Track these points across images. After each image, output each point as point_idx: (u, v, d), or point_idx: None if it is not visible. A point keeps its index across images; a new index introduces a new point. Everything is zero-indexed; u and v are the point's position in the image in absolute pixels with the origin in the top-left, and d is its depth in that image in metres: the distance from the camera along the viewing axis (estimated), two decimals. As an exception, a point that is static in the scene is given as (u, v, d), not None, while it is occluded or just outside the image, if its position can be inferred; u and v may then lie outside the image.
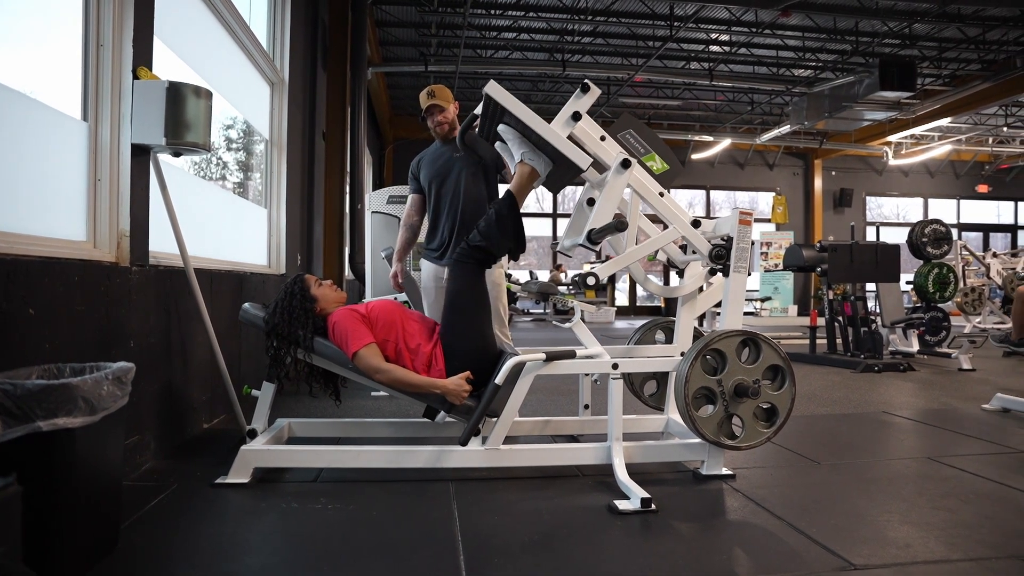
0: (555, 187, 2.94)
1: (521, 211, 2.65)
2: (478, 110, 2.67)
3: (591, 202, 2.82)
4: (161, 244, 2.86)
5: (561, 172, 2.66)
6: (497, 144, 2.77)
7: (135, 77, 2.55)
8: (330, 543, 1.94)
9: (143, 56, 2.64)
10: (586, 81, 2.54)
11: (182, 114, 2.58)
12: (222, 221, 4.03)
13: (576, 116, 2.53)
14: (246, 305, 2.80)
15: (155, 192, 2.75)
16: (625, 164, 2.53)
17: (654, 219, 2.93)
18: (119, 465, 1.89)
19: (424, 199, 3.41)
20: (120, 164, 2.55)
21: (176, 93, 2.57)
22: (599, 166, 2.62)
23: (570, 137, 2.54)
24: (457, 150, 3.27)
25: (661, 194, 2.67)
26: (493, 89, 2.47)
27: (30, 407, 1.52)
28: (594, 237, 2.49)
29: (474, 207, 3.20)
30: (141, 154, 2.63)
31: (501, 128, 2.67)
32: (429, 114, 3.31)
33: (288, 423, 2.94)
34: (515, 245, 2.65)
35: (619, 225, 2.43)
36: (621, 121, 2.68)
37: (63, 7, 2.48)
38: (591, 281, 2.51)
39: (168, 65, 3.03)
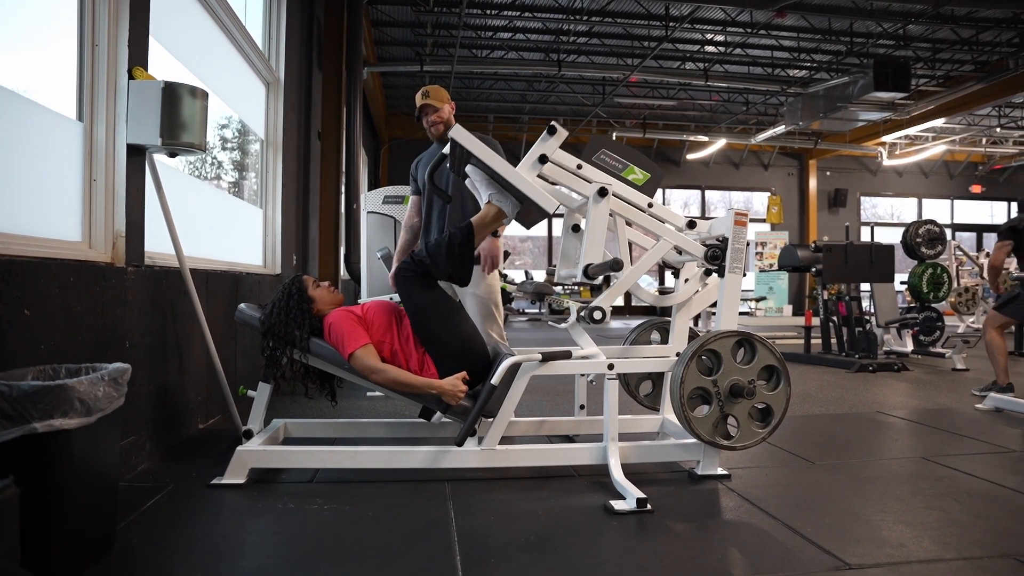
0: (527, 224, 2.97)
1: (475, 248, 2.66)
2: (446, 150, 2.67)
3: (576, 228, 2.84)
4: (157, 244, 2.85)
5: (532, 210, 2.68)
6: (467, 181, 2.78)
7: (130, 77, 2.54)
8: (326, 544, 1.95)
9: (138, 56, 2.64)
10: (552, 123, 2.56)
11: (178, 114, 2.58)
12: (218, 221, 4.02)
13: (543, 159, 2.55)
14: (242, 306, 2.80)
15: (150, 192, 2.74)
16: (602, 193, 2.55)
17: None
18: (115, 466, 1.88)
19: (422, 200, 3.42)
20: (115, 164, 2.55)
21: (172, 93, 2.56)
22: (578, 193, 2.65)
23: (541, 176, 2.57)
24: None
25: (650, 204, 2.68)
26: (458, 134, 2.50)
27: (26, 408, 1.52)
28: (591, 273, 2.53)
29: (463, 209, 3.21)
30: (136, 154, 2.62)
31: (469, 168, 2.69)
32: (423, 114, 3.31)
33: (284, 423, 2.94)
34: (456, 274, 2.64)
35: (614, 265, 2.46)
36: (591, 145, 2.70)
37: (58, 7, 2.47)
38: (598, 316, 2.53)
39: (164, 65, 3.02)
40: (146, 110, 2.53)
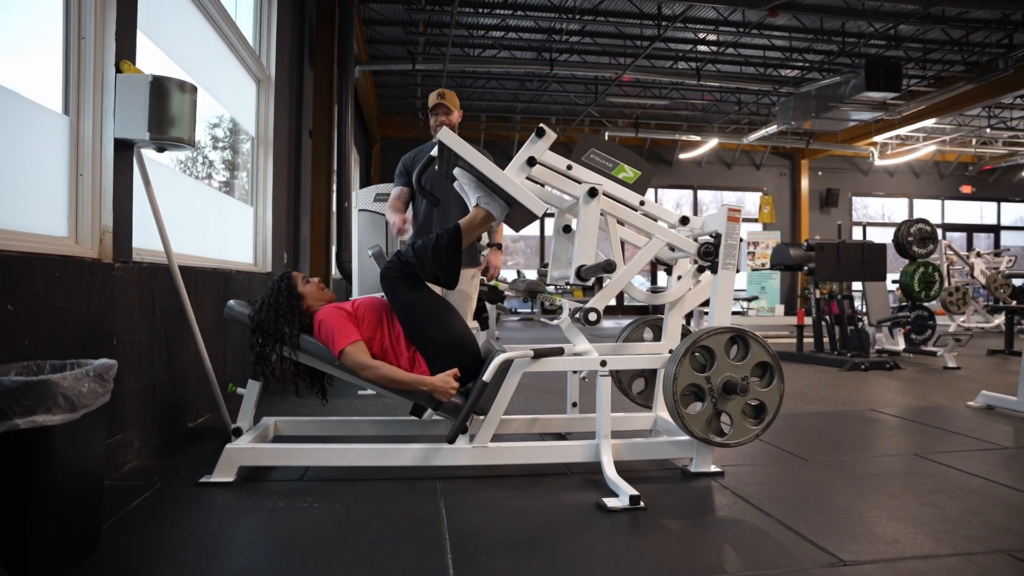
0: (517, 226, 2.97)
1: (462, 250, 2.61)
2: (435, 152, 2.65)
3: (567, 229, 2.83)
4: (145, 241, 2.82)
5: (520, 213, 2.66)
6: (456, 184, 2.75)
7: (118, 71, 2.51)
8: (316, 542, 1.92)
9: (126, 50, 2.60)
10: (541, 126, 2.54)
11: (166, 109, 2.55)
12: (207, 218, 3.98)
13: (531, 162, 2.54)
14: (231, 302, 2.77)
15: (139, 188, 2.71)
16: (592, 193, 2.53)
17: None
18: (101, 464, 1.85)
19: (411, 194, 3.43)
20: (103, 159, 2.51)
21: (160, 87, 2.53)
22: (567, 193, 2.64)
23: (530, 178, 2.56)
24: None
25: (642, 202, 2.66)
26: (446, 136, 2.49)
27: (8, 404, 1.49)
28: (584, 275, 2.52)
29: (461, 210, 3.21)
30: (124, 149, 2.59)
31: (457, 171, 2.67)
32: (434, 113, 3.45)
33: (274, 421, 2.91)
34: (443, 276, 2.60)
35: (607, 267, 2.45)
36: (581, 144, 2.69)
37: (44, -1, 2.44)
38: (592, 317, 2.50)
39: (152, 60, 2.99)
40: (134, 104, 2.50)
